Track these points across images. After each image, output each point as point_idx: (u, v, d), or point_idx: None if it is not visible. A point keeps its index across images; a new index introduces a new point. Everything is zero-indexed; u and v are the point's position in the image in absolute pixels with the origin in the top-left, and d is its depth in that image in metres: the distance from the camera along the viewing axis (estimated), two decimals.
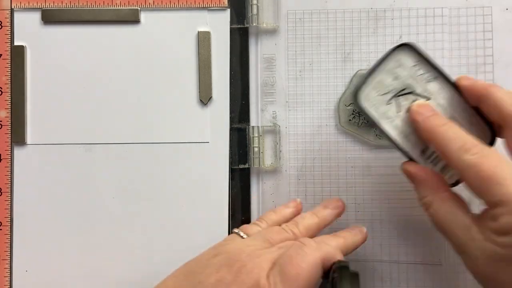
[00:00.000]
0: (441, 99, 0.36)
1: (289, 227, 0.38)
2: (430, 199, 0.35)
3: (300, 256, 0.33)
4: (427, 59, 0.36)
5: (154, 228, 0.44)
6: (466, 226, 0.33)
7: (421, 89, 0.37)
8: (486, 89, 0.34)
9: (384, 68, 0.37)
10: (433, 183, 0.35)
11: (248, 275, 0.33)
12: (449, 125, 0.34)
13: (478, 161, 0.32)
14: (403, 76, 0.37)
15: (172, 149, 0.44)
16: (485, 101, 0.35)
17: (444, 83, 0.36)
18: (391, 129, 0.37)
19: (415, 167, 0.36)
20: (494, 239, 0.31)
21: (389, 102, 0.37)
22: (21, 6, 0.44)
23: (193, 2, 0.44)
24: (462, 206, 0.34)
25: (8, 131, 0.44)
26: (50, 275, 0.43)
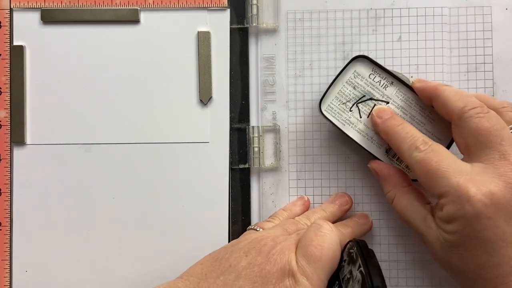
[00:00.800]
0: (400, 101, 0.41)
1: (302, 220, 0.41)
2: (393, 193, 0.39)
3: (320, 236, 0.35)
4: (381, 67, 0.41)
5: (154, 228, 0.44)
6: (423, 216, 0.37)
7: (379, 95, 0.41)
8: (436, 89, 0.38)
9: (343, 79, 0.41)
10: (395, 179, 0.39)
11: (280, 256, 0.35)
12: (403, 125, 0.38)
13: (425, 157, 0.35)
14: (362, 85, 0.41)
15: (172, 149, 0.44)
16: (435, 100, 0.38)
17: (400, 87, 0.41)
18: (355, 134, 0.41)
19: (379, 165, 0.40)
20: (442, 227, 0.35)
21: (351, 109, 0.41)
22: (20, 6, 0.44)
23: (193, 2, 0.44)
24: (421, 198, 0.38)
25: (7, 131, 0.44)
26: (50, 275, 0.43)
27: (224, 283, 0.35)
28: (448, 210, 0.34)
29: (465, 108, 0.36)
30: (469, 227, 0.33)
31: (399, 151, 0.38)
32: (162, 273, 0.43)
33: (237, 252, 0.36)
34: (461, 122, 0.36)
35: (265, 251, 0.35)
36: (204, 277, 0.36)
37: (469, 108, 0.35)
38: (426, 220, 0.36)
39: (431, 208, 0.37)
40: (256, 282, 0.34)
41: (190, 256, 0.39)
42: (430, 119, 0.41)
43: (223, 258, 0.36)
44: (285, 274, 0.34)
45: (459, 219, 0.33)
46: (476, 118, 0.35)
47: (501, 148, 0.34)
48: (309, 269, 0.34)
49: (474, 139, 0.35)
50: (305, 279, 0.34)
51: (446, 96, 0.37)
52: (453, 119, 0.37)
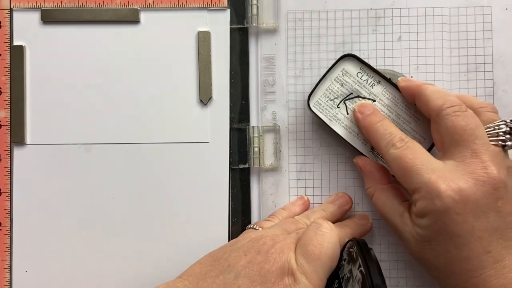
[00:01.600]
0: (386, 99, 0.42)
1: (302, 219, 0.41)
2: (373, 189, 0.41)
3: (319, 235, 0.36)
4: (369, 66, 0.42)
5: (154, 228, 0.43)
6: (400, 213, 0.38)
7: (366, 93, 0.42)
8: (418, 88, 0.39)
9: (331, 76, 0.42)
10: (377, 175, 0.41)
11: (279, 255, 0.35)
12: (383, 122, 0.39)
13: (401, 153, 0.37)
14: (349, 83, 0.42)
15: (172, 149, 0.44)
16: (418, 98, 0.39)
17: (386, 86, 0.42)
18: (341, 130, 0.42)
19: (363, 161, 0.42)
20: (416, 222, 0.36)
21: (339, 106, 0.42)
22: (20, 6, 0.44)
23: (193, 2, 0.44)
24: (400, 196, 0.39)
25: (7, 131, 0.44)
26: (50, 275, 0.43)
27: (223, 282, 0.35)
28: (420, 205, 0.35)
29: (443, 106, 0.37)
30: (439, 221, 0.34)
31: (377, 147, 0.39)
32: (162, 273, 0.43)
33: (236, 252, 0.36)
34: (438, 119, 0.37)
35: (264, 250, 0.35)
36: (204, 277, 0.36)
37: (447, 106, 0.36)
38: (402, 217, 0.38)
39: (409, 205, 0.38)
40: (255, 281, 0.34)
41: (190, 256, 0.39)
42: (415, 118, 0.41)
43: (222, 257, 0.36)
44: (284, 273, 0.34)
45: (430, 213, 0.35)
46: (453, 116, 0.36)
47: (473, 146, 0.35)
48: (308, 267, 0.34)
49: (449, 137, 0.36)
50: (304, 278, 0.34)
51: (427, 94, 0.38)
52: (432, 116, 0.38)
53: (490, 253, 0.34)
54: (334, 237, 0.36)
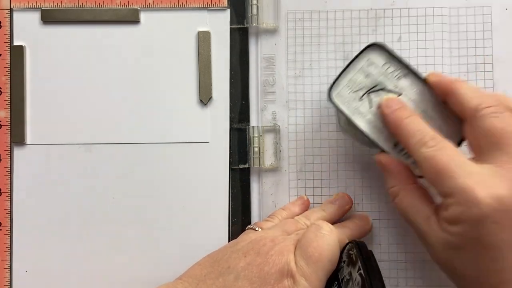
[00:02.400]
0: (413, 94, 0.39)
1: (301, 219, 0.40)
2: (397, 189, 0.37)
3: (319, 237, 0.35)
4: (397, 57, 0.39)
5: (154, 228, 0.43)
6: (427, 216, 0.35)
7: (392, 86, 0.39)
8: (451, 84, 0.37)
9: (356, 66, 0.39)
10: (401, 174, 0.38)
11: (279, 256, 0.35)
12: (412, 118, 0.37)
13: (434, 154, 0.34)
14: (374, 74, 0.39)
15: (172, 149, 0.44)
16: (450, 96, 0.37)
17: (414, 79, 0.39)
18: (363, 124, 0.39)
19: (386, 158, 0.38)
20: (446, 228, 0.33)
21: (362, 99, 0.39)
22: (20, 6, 0.44)
23: (193, 2, 0.44)
24: (426, 197, 0.37)
25: (7, 131, 0.44)
26: (50, 275, 0.43)
27: (223, 284, 0.35)
28: (454, 211, 0.33)
29: (480, 106, 0.35)
30: (474, 230, 0.32)
31: (406, 144, 0.36)
32: (162, 273, 0.43)
33: (236, 253, 0.36)
34: (474, 120, 0.35)
35: (264, 251, 0.35)
36: (203, 278, 0.36)
37: (484, 107, 0.34)
38: (429, 220, 0.35)
39: (435, 208, 0.35)
40: (255, 282, 0.34)
41: (190, 256, 0.39)
42: (443, 116, 0.39)
43: (222, 259, 0.36)
44: (284, 275, 0.34)
45: (465, 221, 0.32)
46: (490, 118, 0.34)
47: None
48: (308, 269, 0.34)
49: (486, 139, 0.34)
50: (303, 280, 0.34)
51: (462, 92, 0.36)
52: (467, 116, 0.36)
53: None
54: (334, 239, 0.36)
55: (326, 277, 0.35)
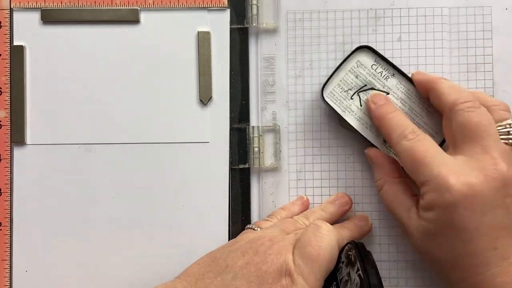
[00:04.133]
0: (400, 93, 0.42)
1: (300, 219, 0.41)
2: (382, 182, 0.40)
3: (318, 237, 0.36)
4: (384, 58, 0.42)
5: (154, 228, 0.44)
6: (408, 207, 0.38)
7: (380, 85, 0.42)
8: (432, 82, 0.39)
9: (346, 67, 0.42)
10: (388, 168, 0.40)
11: (277, 256, 0.35)
12: (395, 113, 0.39)
13: (412, 145, 0.37)
14: (364, 75, 0.42)
15: (172, 149, 0.44)
16: (431, 92, 0.39)
17: (401, 79, 0.42)
18: (354, 122, 0.42)
19: (374, 152, 0.41)
20: (422, 216, 0.36)
21: (352, 98, 0.42)
22: (20, 6, 0.44)
23: (193, 2, 0.44)
24: (408, 190, 0.39)
25: (7, 131, 0.44)
26: (50, 275, 0.43)
27: (221, 283, 0.35)
28: (428, 197, 0.35)
29: (457, 101, 0.37)
30: (446, 215, 0.34)
31: (388, 138, 0.39)
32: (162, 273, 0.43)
33: (234, 252, 0.36)
34: (451, 114, 0.37)
35: (262, 251, 0.35)
36: (202, 277, 0.36)
37: (460, 102, 0.36)
38: (410, 211, 0.37)
39: (417, 200, 0.38)
40: (253, 282, 0.34)
41: (190, 256, 0.39)
42: (428, 112, 0.41)
43: (221, 258, 0.36)
44: (282, 274, 0.34)
45: (438, 207, 0.34)
46: (466, 112, 0.36)
47: (485, 142, 0.35)
48: (306, 269, 0.34)
49: (461, 132, 0.36)
50: (301, 279, 0.34)
51: (441, 88, 0.38)
52: (445, 111, 0.38)
53: (496, 250, 0.34)
54: (333, 239, 0.36)
55: (324, 277, 0.35)
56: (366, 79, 0.42)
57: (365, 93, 0.42)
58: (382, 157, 0.41)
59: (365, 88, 0.42)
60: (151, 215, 0.44)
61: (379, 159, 0.41)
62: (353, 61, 0.42)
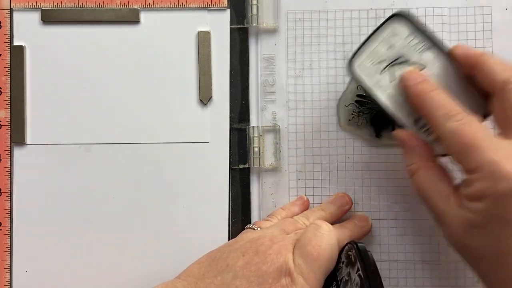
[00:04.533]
0: (436, 68, 0.37)
1: (300, 219, 0.40)
2: (416, 166, 0.36)
3: (318, 237, 0.35)
4: (422, 29, 0.38)
5: (154, 228, 0.44)
6: (446, 195, 0.34)
7: (416, 59, 0.38)
8: (479, 57, 0.35)
9: (379, 37, 0.38)
10: (421, 151, 0.36)
11: (277, 255, 0.35)
12: (437, 91, 0.35)
13: (460, 127, 0.33)
14: (398, 46, 0.38)
15: (172, 149, 0.44)
16: (478, 69, 0.35)
17: (439, 53, 0.37)
18: (384, 98, 0.38)
19: (406, 134, 0.37)
20: (467, 205, 0.32)
21: (383, 71, 0.38)
22: (20, 6, 0.44)
23: (193, 2, 0.44)
24: (445, 176, 0.35)
25: (7, 131, 0.44)
26: (50, 275, 0.43)
27: (221, 282, 0.35)
28: (479, 186, 0.32)
29: (510, 79, 0.33)
30: (498, 206, 0.31)
31: (430, 118, 0.35)
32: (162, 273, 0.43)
33: (234, 252, 0.36)
34: (503, 93, 0.34)
35: (262, 250, 0.35)
36: (202, 277, 0.36)
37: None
38: (448, 199, 0.34)
39: (455, 188, 0.34)
40: (253, 281, 0.34)
41: (190, 256, 0.39)
42: (466, 91, 0.37)
43: (221, 257, 0.36)
44: (282, 273, 0.34)
45: (489, 196, 0.31)
46: None
47: None
48: (306, 268, 0.34)
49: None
50: (301, 278, 0.34)
51: (490, 65, 0.35)
52: (496, 90, 0.34)
53: None
54: (333, 238, 0.36)
55: (324, 277, 0.35)
56: (400, 50, 0.38)
57: (398, 66, 0.38)
58: (414, 139, 0.37)
59: (399, 61, 0.38)
60: (151, 215, 0.44)
61: (413, 142, 0.37)
62: (387, 30, 0.38)
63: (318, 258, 0.34)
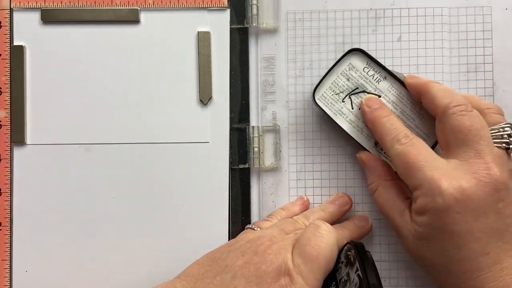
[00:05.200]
0: (391, 96, 0.42)
1: (300, 219, 0.41)
2: (375, 185, 0.40)
3: (317, 237, 0.36)
4: (376, 61, 0.42)
5: (154, 228, 0.44)
6: (401, 210, 0.38)
7: (372, 88, 0.42)
8: (425, 85, 0.39)
9: (338, 70, 0.42)
10: (380, 171, 0.40)
11: (276, 255, 0.35)
12: (389, 117, 0.39)
13: (405, 149, 0.37)
14: (355, 77, 0.42)
15: (172, 149, 0.44)
16: (424, 95, 0.39)
17: (393, 82, 0.42)
18: (346, 125, 0.42)
19: (366, 156, 0.41)
20: (415, 219, 0.36)
21: (344, 101, 0.42)
22: (20, 6, 0.44)
23: (193, 2, 0.44)
24: (402, 193, 0.39)
25: (7, 131, 0.44)
26: (50, 275, 0.43)
27: (220, 282, 0.35)
28: (421, 202, 0.35)
29: (450, 105, 0.36)
30: (439, 220, 0.34)
31: (382, 142, 0.39)
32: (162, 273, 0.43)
33: (233, 252, 0.36)
34: (444, 118, 0.37)
35: (261, 250, 0.35)
36: (201, 277, 0.36)
37: (453, 105, 0.36)
38: (403, 215, 0.37)
39: (410, 204, 0.38)
40: (252, 281, 0.34)
41: (190, 256, 0.39)
42: (420, 116, 0.41)
43: (220, 258, 0.36)
44: (281, 273, 0.34)
45: (430, 211, 0.34)
46: (458, 116, 0.36)
47: (478, 146, 0.35)
48: (305, 268, 0.34)
49: (454, 136, 0.36)
50: (300, 278, 0.34)
51: (434, 92, 0.38)
52: (438, 114, 0.38)
53: (488, 255, 0.34)
54: (332, 238, 0.36)
55: (323, 277, 0.35)
56: (357, 82, 0.42)
57: (357, 96, 0.42)
58: (374, 160, 0.41)
59: (357, 91, 0.42)
60: (151, 215, 0.44)
61: (371, 163, 0.41)
62: (345, 64, 0.42)
63: (317, 258, 0.35)
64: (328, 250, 0.35)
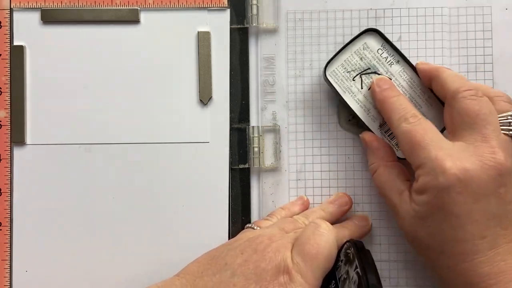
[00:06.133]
0: (402, 80, 0.42)
1: (300, 219, 0.41)
2: (376, 165, 0.40)
3: (317, 235, 0.36)
4: (391, 44, 0.42)
5: (154, 228, 0.44)
6: (400, 190, 0.38)
7: (384, 70, 0.42)
8: (437, 70, 0.39)
9: (352, 48, 0.42)
10: (382, 152, 0.40)
11: (275, 254, 0.35)
12: (399, 97, 0.39)
13: (412, 128, 0.37)
14: (369, 58, 0.42)
15: (172, 149, 0.44)
16: (435, 80, 0.39)
17: (405, 67, 0.42)
18: (353, 103, 0.42)
19: (370, 136, 0.41)
20: (415, 198, 0.36)
21: (354, 79, 0.42)
22: (20, 6, 0.44)
23: (193, 2, 0.44)
24: (402, 174, 0.39)
25: (7, 131, 0.44)
26: (50, 275, 0.43)
27: (219, 280, 0.35)
28: (422, 180, 0.35)
29: (460, 89, 0.37)
30: (438, 199, 0.34)
31: (389, 121, 0.39)
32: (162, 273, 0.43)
33: (233, 251, 0.36)
34: (453, 101, 0.37)
35: (261, 249, 0.35)
36: (200, 275, 0.36)
37: (464, 89, 0.36)
38: (402, 195, 0.38)
39: (409, 185, 0.38)
40: (251, 279, 0.34)
41: (190, 256, 0.39)
42: (428, 103, 0.41)
43: (219, 256, 0.37)
44: (280, 271, 0.34)
45: (431, 189, 0.35)
46: (468, 100, 0.36)
47: (484, 131, 0.35)
48: (304, 266, 0.34)
49: (462, 119, 0.36)
50: (299, 276, 0.34)
51: (445, 76, 0.38)
52: (447, 98, 0.38)
53: (485, 239, 0.34)
54: (332, 237, 0.36)
55: (323, 275, 0.35)
56: (370, 62, 0.42)
57: (368, 76, 0.42)
58: (376, 141, 0.41)
59: (368, 71, 0.42)
60: (151, 214, 0.44)
61: (374, 143, 0.41)
62: (360, 43, 0.42)
63: (316, 256, 0.35)
64: (327, 248, 0.35)
